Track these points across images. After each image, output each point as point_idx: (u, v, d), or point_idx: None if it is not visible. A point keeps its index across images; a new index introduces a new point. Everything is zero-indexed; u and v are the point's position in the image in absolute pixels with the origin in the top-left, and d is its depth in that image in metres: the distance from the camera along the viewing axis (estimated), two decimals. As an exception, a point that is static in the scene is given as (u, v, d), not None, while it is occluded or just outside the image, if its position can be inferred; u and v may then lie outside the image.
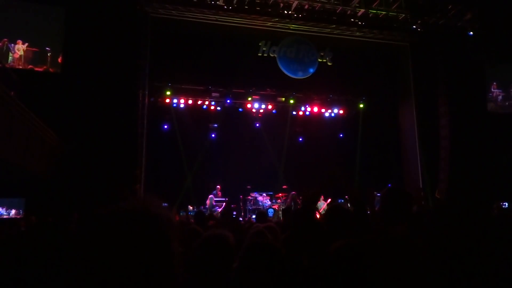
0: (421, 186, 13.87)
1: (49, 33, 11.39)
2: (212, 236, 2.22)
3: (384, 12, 13.02)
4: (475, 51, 13.31)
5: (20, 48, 11.14)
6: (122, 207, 0.98)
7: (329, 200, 12.95)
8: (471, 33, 13.41)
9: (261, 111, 15.37)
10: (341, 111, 16.09)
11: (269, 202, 13.95)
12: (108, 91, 11.19)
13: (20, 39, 11.14)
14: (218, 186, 13.72)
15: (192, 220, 7.11)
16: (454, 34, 13.54)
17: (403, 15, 13.04)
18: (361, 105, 16.02)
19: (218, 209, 12.55)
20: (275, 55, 14.08)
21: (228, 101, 14.55)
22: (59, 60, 11.42)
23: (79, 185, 9.71)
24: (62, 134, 10.38)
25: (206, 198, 13.32)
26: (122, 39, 11.49)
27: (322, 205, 12.53)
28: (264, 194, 14.16)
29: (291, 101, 15.15)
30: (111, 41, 11.29)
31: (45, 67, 11.38)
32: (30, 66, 11.22)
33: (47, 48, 11.35)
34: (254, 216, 11.24)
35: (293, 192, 13.18)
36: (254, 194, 13.98)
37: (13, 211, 10.75)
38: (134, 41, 11.92)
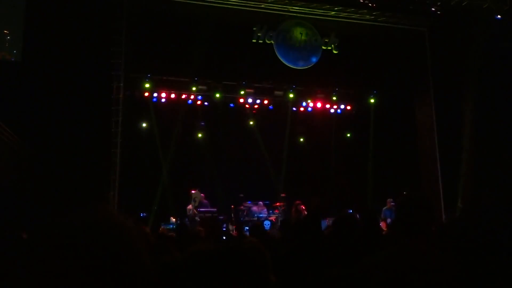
0: (441, 194, 13.90)
1: (7, 14, 11.26)
2: (196, 253, 2.16)
3: (398, -8, 13.06)
4: (503, 36, 13.34)
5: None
6: (80, 217, 0.93)
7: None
8: (499, 16, 13.44)
9: (256, 106, 15.32)
10: (348, 107, 16.09)
11: (265, 213, 13.90)
12: (76, 83, 11.11)
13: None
14: (202, 194, 13.65)
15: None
16: (479, 17, 13.57)
17: (421, -5, 13.08)
18: (372, 100, 16.03)
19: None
20: (272, 42, 14.05)
21: (218, 95, 14.48)
22: (20, 46, 11.28)
23: (42, 192, 9.60)
24: (22, 133, 10.27)
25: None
26: (93, 22, 11.40)
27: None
28: (260, 204, 14.11)
29: (291, 96, 15.12)
30: (80, 24, 11.20)
31: (3, 53, 11.25)
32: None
33: (5, 32, 11.21)
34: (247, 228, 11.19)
35: (298, 201, 13.18)
36: (247, 204, 13.92)
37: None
38: (107, 25, 11.83)
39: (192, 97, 14.65)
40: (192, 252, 2.21)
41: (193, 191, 13.37)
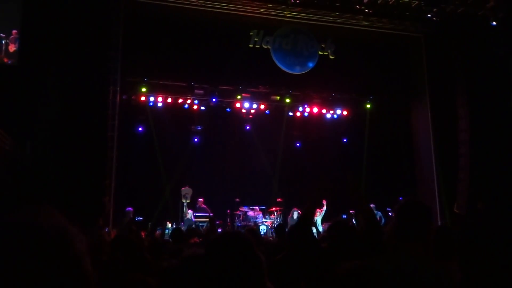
0: (437, 199, 13.90)
1: (3, 18, 11.20)
2: (191, 257, 2.13)
3: (394, -2, 13.09)
4: (498, 43, 13.39)
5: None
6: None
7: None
8: (494, 23, 13.49)
9: (252, 111, 15.31)
10: (344, 112, 16.10)
11: (261, 218, 13.86)
12: (72, 87, 11.05)
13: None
14: (201, 199, 13.63)
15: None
16: (474, 24, 13.61)
17: (417, 2, 13.11)
18: (368, 105, 16.05)
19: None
20: (269, 47, 14.06)
21: (214, 99, 14.47)
22: (14, 48, 11.21)
23: (37, 198, 9.51)
24: (17, 136, 10.20)
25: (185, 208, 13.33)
26: (89, 26, 11.36)
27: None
28: (256, 208, 14.08)
29: (287, 100, 15.12)
30: (76, 28, 11.16)
31: (-1, 57, 11.18)
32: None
33: (2, 35, 11.15)
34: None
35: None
36: (243, 209, 13.89)
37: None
38: (104, 29, 11.80)
39: (188, 101, 14.63)
40: (185, 257, 2.17)
41: (183, 188, 13.42)
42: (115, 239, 3.89)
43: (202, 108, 14.81)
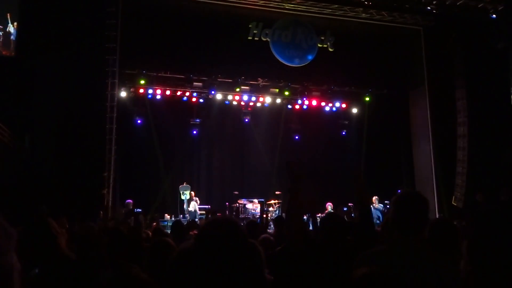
0: (435, 192, 13.92)
1: (1, 9, 11.14)
2: (186, 251, 2.10)
3: (394, -9, 13.05)
4: (498, 36, 13.36)
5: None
6: None
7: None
8: (494, 16, 13.46)
9: (251, 104, 15.27)
10: (343, 105, 16.07)
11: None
12: (71, 79, 11.02)
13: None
14: (192, 193, 13.61)
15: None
16: (474, 17, 13.58)
17: (416, -6, 13.08)
18: (367, 98, 16.01)
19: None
20: (268, 39, 13.99)
21: (213, 92, 14.42)
22: (13, 40, 11.17)
23: (35, 190, 9.51)
24: (15, 129, 10.18)
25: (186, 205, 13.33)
26: (87, 18, 11.32)
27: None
28: (254, 201, 14.08)
29: (286, 93, 15.07)
30: (74, 20, 11.12)
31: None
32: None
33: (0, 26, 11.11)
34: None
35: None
36: (242, 201, 13.89)
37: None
38: (102, 21, 11.75)
39: (187, 93, 14.57)
40: (179, 251, 2.15)
41: (180, 186, 13.41)
42: (104, 231, 3.86)
43: (201, 100, 14.76)
